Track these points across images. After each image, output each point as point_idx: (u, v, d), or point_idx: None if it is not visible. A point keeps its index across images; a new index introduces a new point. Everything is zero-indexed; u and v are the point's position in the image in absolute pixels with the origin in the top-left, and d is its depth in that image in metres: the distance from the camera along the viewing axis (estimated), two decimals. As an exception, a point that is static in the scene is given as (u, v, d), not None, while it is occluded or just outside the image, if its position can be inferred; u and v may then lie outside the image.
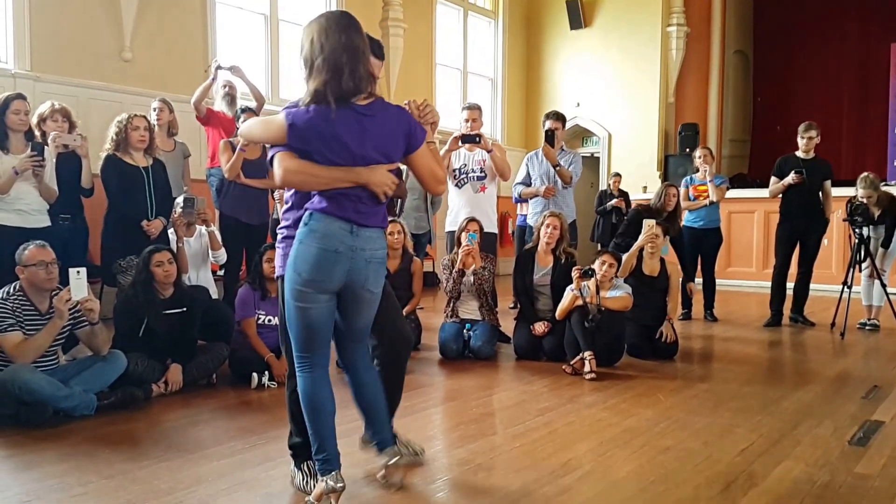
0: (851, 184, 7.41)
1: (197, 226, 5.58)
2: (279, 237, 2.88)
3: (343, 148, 2.57)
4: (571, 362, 5.16)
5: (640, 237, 5.94)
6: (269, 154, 2.66)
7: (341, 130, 2.57)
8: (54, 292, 4.06)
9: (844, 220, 7.11)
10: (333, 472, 2.66)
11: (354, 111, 2.60)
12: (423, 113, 2.93)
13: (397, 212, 6.67)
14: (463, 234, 5.72)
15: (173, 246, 5.17)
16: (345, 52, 2.55)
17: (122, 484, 3.01)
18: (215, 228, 5.83)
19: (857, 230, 6.84)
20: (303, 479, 2.95)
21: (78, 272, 3.93)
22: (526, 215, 8.74)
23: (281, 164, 2.58)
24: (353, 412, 2.93)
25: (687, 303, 7.60)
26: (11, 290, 4.04)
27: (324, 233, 2.59)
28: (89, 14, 7.62)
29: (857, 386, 4.85)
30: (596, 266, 5.36)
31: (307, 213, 2.63)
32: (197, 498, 2.88)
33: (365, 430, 2.95)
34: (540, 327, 5.59)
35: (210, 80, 7.11)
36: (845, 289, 6.84)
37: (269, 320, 4.95)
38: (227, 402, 4.42)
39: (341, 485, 2.66)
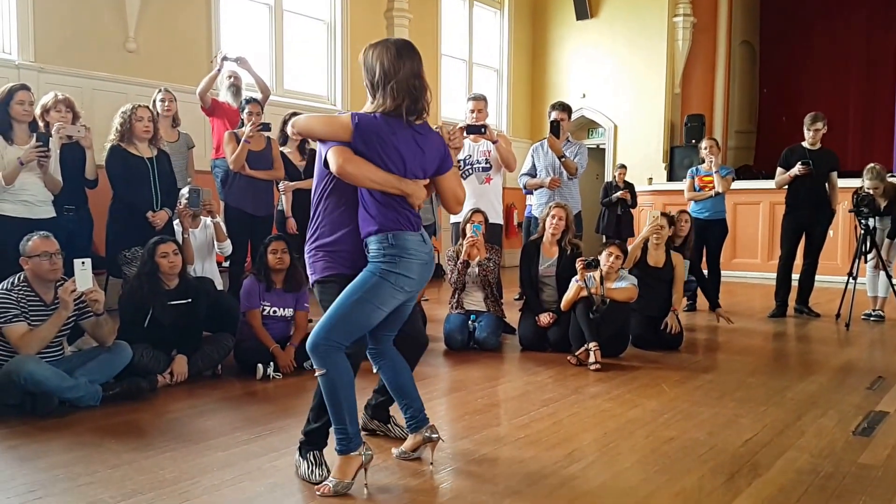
0: (858, 175, 7.38)
1: (202, 217, 5.59)
2: (313, 247, 3.05)
3: (399, 159, 2.82)
4: (576, 353, 5.16)
5: (645, 228, 5.93)
6: (324, 148, 2.85)
7: (401, 143, 2.83)
8: (59, 283, 4.07)
9: (850, 212, 7.09)
10: (364, 444, 2.86)
11: (413, 129, 2.88)
12: (452, 137, 3.30)
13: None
14: (468, 225, 5.71)
15: (178, 237, 5.18)
16: (416, 78, 2.86)
17: (128, 474, 3.02)
18: (220, 220, 5.84)
19: (862, 221, 6.81)
20: (308, 469, 2.97)
21: (83, 263, 3.93)
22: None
23: (341, 154, 2.78)
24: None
25: (692, 294, 7.59)
26: (16, 281, 4.05)
27: (416, 248, 2.85)
28: (93, 5, 7.62)
29: (862, 376, 4.85)
30: (602, 258, 5.36)
31: (383, 235, 2.82)
32: (202, 488, 2.89)
33: (404, 413, 3.16)
34: (545, 318, 5.59)
35: (215, 70, 7.11)
36: (851, 280, 6.83)
37: (275, 311, 4.96)
38: (232, 393, 4.43)
39: (370, 453, 2.88)
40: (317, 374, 2.83)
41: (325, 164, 2.87)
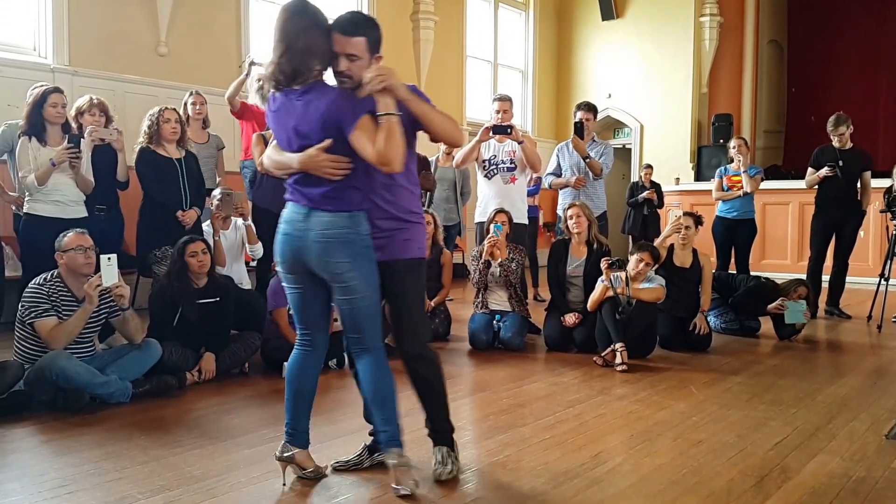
0: (888, 174, 7.29)
1: (233, 217, 5.65)
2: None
3: (282, 134, 2.77)
4: (603, 354, 5.13)
5: (668, 227, 5.90)
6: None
7: (280, 118, 2.77)
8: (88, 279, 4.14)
9: (882, 212, 7.00)
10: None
11: (295, 96, 2.72)
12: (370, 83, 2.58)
13: (424, 203, 6.66)
14: (490, 225, 5.71)
15: (208, 238, 5.23)
16: (277, 39, 2.75)
17: (156, 470, 3.05)
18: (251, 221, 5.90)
19: (894, 221, 6.72)
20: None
21: (109, 259, 4.00)
22: (538, 206, 8.78)
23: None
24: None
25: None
26: (49, 277, 4.14)
27: (284, 220, 2.87)
28: (126, 9, 7.73)
29: (894, 379, 4.78)
30: (632, 261, 5.32)
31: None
32: (228, 484, 2.91)
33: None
34: (571, 318, 5.57)
35: (244, 75, 7.18)
36: (882, 281, 6.73)
37: (301, 310, 4.98)
38: (259, 391, 4.47)
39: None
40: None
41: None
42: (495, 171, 6.14)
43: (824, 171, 7.06)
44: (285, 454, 2.90)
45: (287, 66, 2.67)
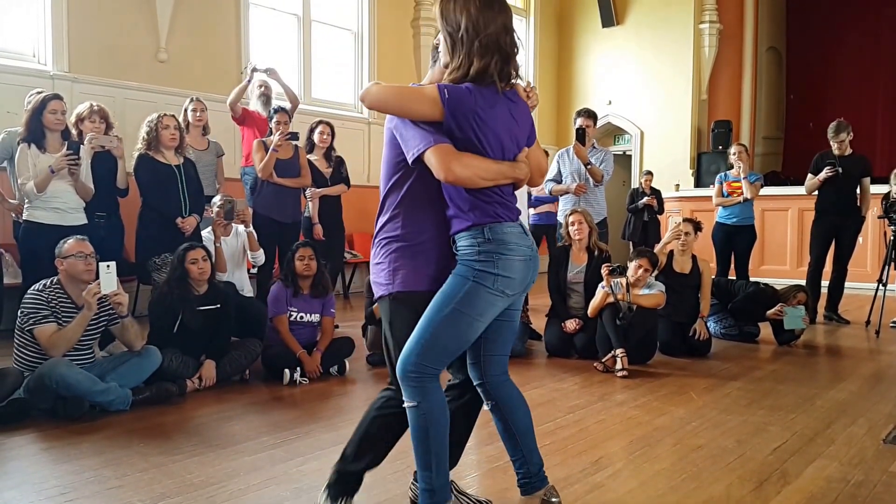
0: (886, 180, 7.31)
1: (234, 224, 5.66)
2: (385, 247, 2.44)
3: (496, 139, 2.32)
4: (603, 360, 5.14)
5: (667, 234, 5.91)
6: (417, 150, 2.27)
7: (498, 119, 2.32)
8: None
9: (880, 217, 7.01)
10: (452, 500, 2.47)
11: (507, 98, 2.36)
12: (530, 95, 2.56)
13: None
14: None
15: (209, 245, 5.24)
16: (508, 34, 2.36)
17: (156, 477, 3.05)
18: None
19: (892, 227, 6.73)
20: None
21: (108, 266, 3.99)
22: (540, 215, 8.71)
23: (446, 155, 2.24)
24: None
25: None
26: (49, 283, 4.14)
27: (516, 242, 2.34)
28: (126, 16, 7.74)
29: (892, 384, 4.79)
30: (631, 268, 5.33)
31: (477, 229, 2.32)
32: (228, 492, 2.91)
33: (516, 469, 2.62)
34: (571, 324, 5.58)
35: (246, 81, 7.26)
36: (880, 286, 6.74)
37: (301, 317, 5.00)
38: (259, 398, 4.47)
39: None
40: (406, 405, 2.36)
41: (395, 147, 2.37)
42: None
43: (824, 172, 7.09)
44: None
45: (507, 60, 2.36)
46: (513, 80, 2.38)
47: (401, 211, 2.41)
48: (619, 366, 4.98)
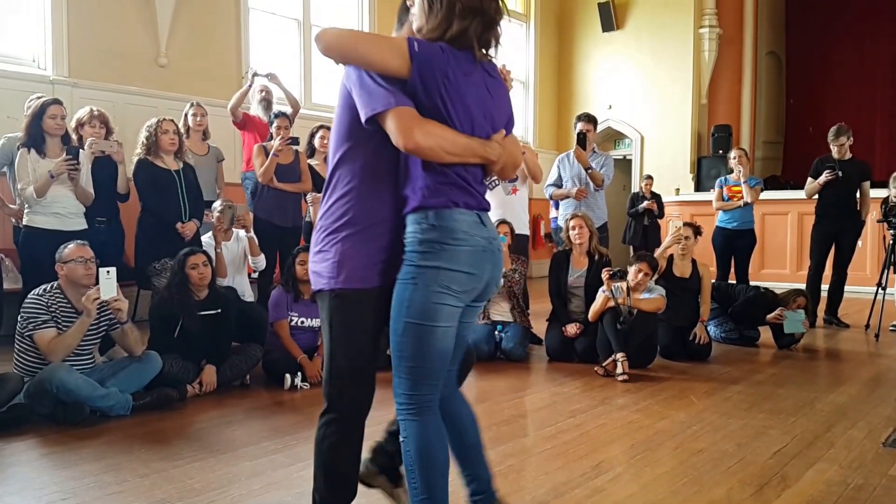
0: (885, 184, 7.32)
1: (235, 229, 5.67)
2: (332, 234, 2.13)
3: (465, 110, 2.05)
4: (604, 364, 5.14)
5: (667, 238, 5.92)
6: (374, 110, 1.97)
7: (471, 87, 2.06)
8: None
9: (879, 221, 7.02)
10: None
11: (483, 68, 2.11)
12: (505, 78, 2.36)
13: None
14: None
15: (209, 249, 5.24)
16: None
17: (157, 483, 3.05)
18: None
19: (892, 231, 6.74)
20: None
21: (108, 272, 3.99)
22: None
23: (408, 119, 1.95)
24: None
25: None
26: (49, 288, 4.14)
27: (466, 231, 2.07)
28: (126, 21, 7.75)
29: (892, 388, 4.78)
30: (631, 272, 5.34)
31: (422, 213, 2.05)
32: (229, 497, 2.91)
33: (466, 485, 2.38)
34: (572, 329, 5.58)
35: (247, 86, 7.28)
36: (880, 290, 6.75)
37: (302, 322, 5.00)
38: (260, 403, 4.47)
39: None
40: (401, 438, 2.17)
41: (351, 109, 2.06)
42: (497, 182, 6.13)
43: (824, 176, 7.11)
44: None
45: (489, 24, 2.11)
46: (490, 53, 2.14)
47: (353, 188, 2.10)
48: (619, 370, 4.98)
